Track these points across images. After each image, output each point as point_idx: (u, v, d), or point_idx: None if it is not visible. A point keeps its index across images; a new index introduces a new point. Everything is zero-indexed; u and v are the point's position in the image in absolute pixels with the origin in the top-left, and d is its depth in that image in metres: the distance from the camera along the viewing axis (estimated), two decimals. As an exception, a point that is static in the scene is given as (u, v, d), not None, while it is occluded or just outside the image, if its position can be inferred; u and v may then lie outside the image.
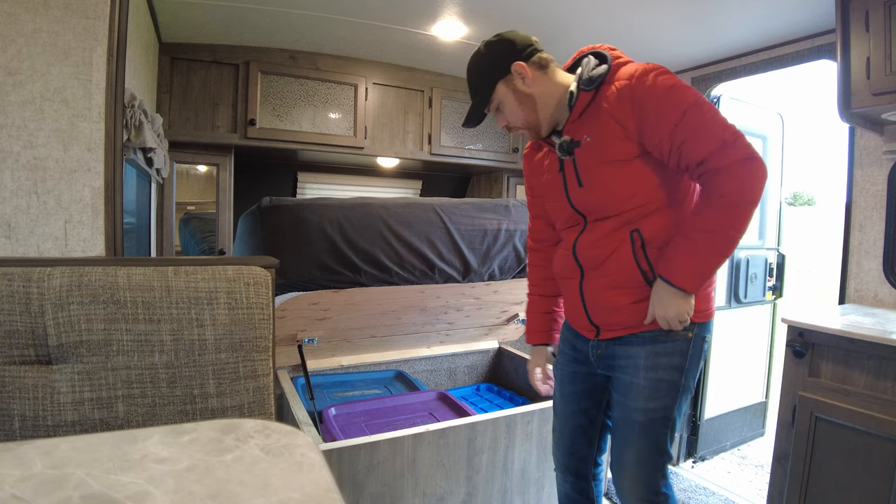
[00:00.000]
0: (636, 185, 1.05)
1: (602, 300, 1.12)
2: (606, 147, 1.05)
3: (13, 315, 0.84)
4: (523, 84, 1.11)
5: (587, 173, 1.09)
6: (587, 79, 1.07)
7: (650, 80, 1.00)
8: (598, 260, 1.11)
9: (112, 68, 1.32)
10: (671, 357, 1.08)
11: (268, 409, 0.99)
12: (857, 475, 1.34)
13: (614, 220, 1.08)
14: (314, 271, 1.44)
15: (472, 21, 2.19)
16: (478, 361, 2.59)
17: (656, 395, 1.08)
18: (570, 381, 1.26)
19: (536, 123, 1.14)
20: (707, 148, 0.97)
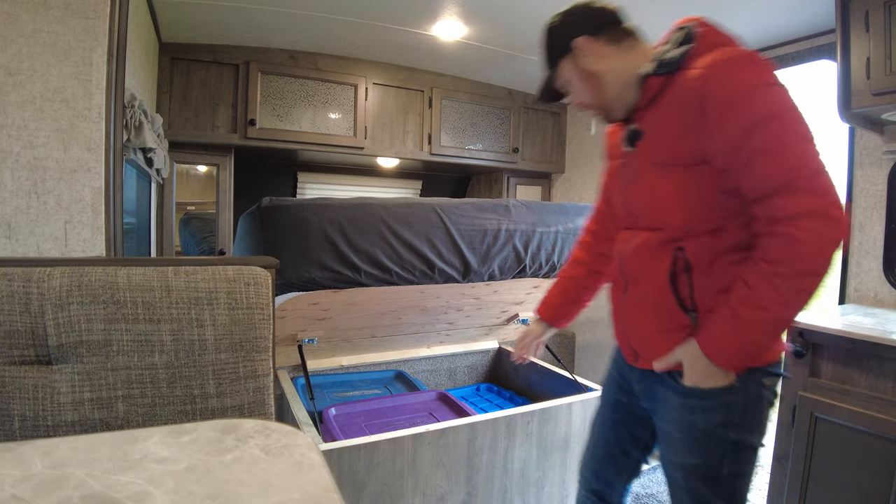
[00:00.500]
0: (686, 199, 0.88)
1: (634, 321, 1.00)
2: (661, 145, 0.90)
3: (13, 315, 0.84)
4: (588, 62, 0.97)
5: (643, 170, 0.95)
6: (661, 61, 0.90)
7: (728, 75, 0.81)
8: (636, 273, 0.98)
9: (112, 68, 1.32)
10: (710, 414, 0.89)
11: (268, 409, 0.99)
12: (857, 475, 1.34)
13: (658, 234, 0.93)
14: (314, 271, 1.44)
15: (472, 21, 2.19)
16: (478, 361, 2.59)
17: (696, 450, 0.91)
18: (611, 407, 1.15)
19: (604, 105, 0.99)
20: (769, 183, 0.78)
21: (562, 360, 2.56)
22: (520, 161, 3.18)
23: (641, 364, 1.02)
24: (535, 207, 1.79)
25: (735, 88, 0.80)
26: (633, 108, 0.97)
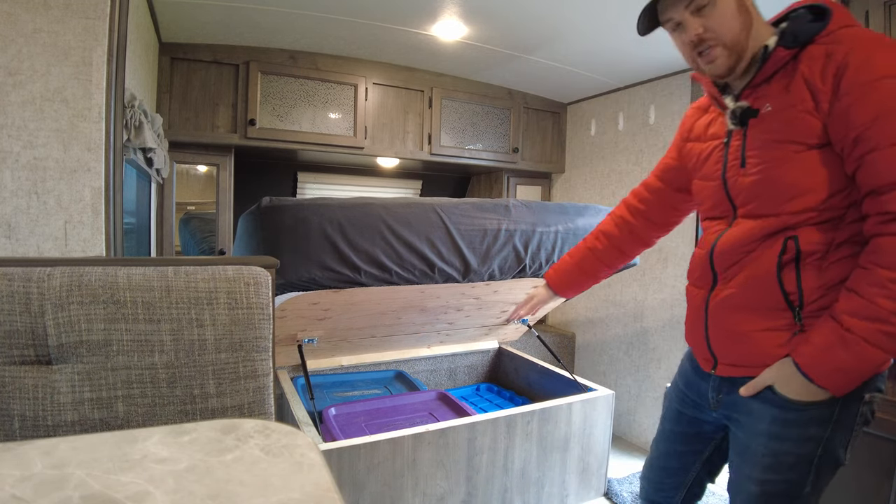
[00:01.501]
0: (812, 182, 0.81)
1: (727, 321, 0.90)
2: (789, 121, 0.82)
3: (13, 315, 0.84)
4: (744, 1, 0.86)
5: (756, 152, 0.86)
6: (791, 32, 0.82)
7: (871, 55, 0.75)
8: (736, 267, 0.89)
9: (112, 68, 1.32)
10: (805, 428, 0.83)
11: (268, 409, 0.99)
12: (857, 475, 1.34)
13: (768, 221, 0.85)
14: (314, 271, 1.44)
15: (472, 21, 2.19)
16: (478, 361, 2.59)
17: (778, 467, 0.85)
18: (673, 419, 1.09)
19: (744, 47, 0.86)
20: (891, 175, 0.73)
21: (562, 360, 2.56)
22: (520, 161, 3.18)
23: (722, 371, 0.94)
24: (535, 207, 1.79)
25: (875, 72, 0.75)
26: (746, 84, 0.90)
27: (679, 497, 1.10)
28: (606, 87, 2.95)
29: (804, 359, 0.80)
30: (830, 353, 0.77)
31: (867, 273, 0.76)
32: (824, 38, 0.81)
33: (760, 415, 0.86)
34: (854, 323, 0.75)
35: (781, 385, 0.83)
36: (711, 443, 1.04)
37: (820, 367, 0.78)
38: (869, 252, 0.77)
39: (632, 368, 2.82)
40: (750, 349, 0.88)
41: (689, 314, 1.02)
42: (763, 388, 0.85)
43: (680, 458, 1.08)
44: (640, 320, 2.78)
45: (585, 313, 3.17)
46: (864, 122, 0.75)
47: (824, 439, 0.83)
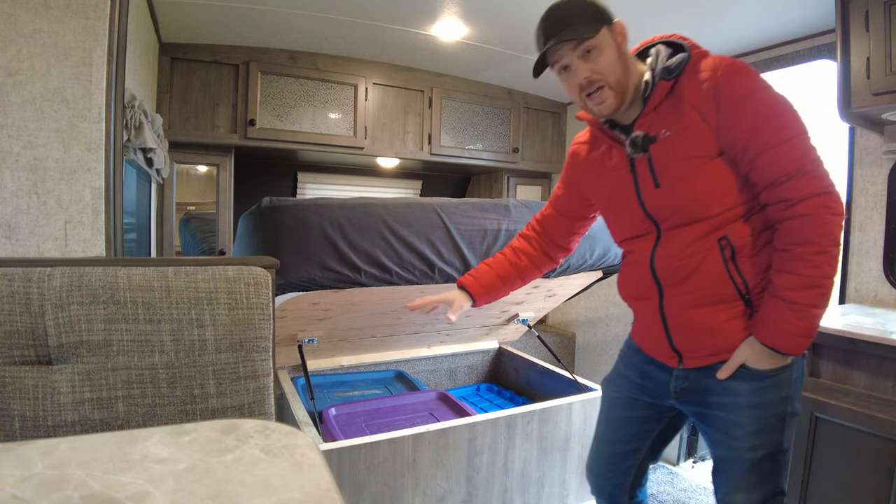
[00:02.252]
0: (722, 185, 0.94)
1: (690, 320, 1.00)
2: (689, 141, 0.94)
3: (13, 315, 0.84)
4: (622, 44, 0.98)
5: (666, 172, 0.97)
6: (664, 68, 0.96)
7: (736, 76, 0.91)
8: (682, 273, 0.98)
9: (112, 68, 1.32)
10: (778, 390, 0.96)
11: (268, 409, 0.99)
12: (857, 475, 1.34)
13: (699, 226, 0.96)
14: (314, 271, 1.44)
15: (472, 21, 2.19)
16: (478, 361, 2.59)
17: (764, 430, 0.97)
18: (625, 405, 1.16)
19: (626, 88, 0.98)
20: (783, 169, 0.89)
21: (562, 360, 2.56)
22: (520, 161, 3.18)
23: (691, 364, 1.03)
24: (535, 207, 1.79)
25: (744, 88, 0.90)
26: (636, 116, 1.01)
27: (630, 478, 1.19)
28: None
29: (768, 337, 0.93)
30: (788, 324, 0.91)
31: (789, 253, 0.90)
32: (691, 68, 0.95)
33: (739, 391, 0.98)
34: (796, 295, 0.89)
35: (753, 361, 0.95)
36: (663, 421, 1.14)
37: (783, 338, 0.91)
38: (782, 236, 0.92)
39: (632, 368, 2.82)
40: (720, 339, 0.98)
41: (641, 323, 1.12)
42: (737, 367, 0.97)
43: (632, 440, 1.16)
44: (640, 320, 2.78)
45: (585, 313, 3.17)
46: (746, 132, 0.90)
47: (790, 397, 0.98)
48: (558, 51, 0.99)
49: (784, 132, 0.89)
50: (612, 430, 1.19)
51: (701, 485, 2.18)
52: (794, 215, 0.89)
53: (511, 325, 2.45)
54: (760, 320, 0.94)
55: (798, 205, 0.89)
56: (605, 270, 1.98)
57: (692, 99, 0.94)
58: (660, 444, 1.18)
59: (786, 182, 0.89)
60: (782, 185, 0.89)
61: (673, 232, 1.00)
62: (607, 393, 1.22)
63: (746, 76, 0.91)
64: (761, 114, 0.90)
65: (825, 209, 0.88)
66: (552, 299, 2.30)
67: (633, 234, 1.07)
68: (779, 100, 0.91)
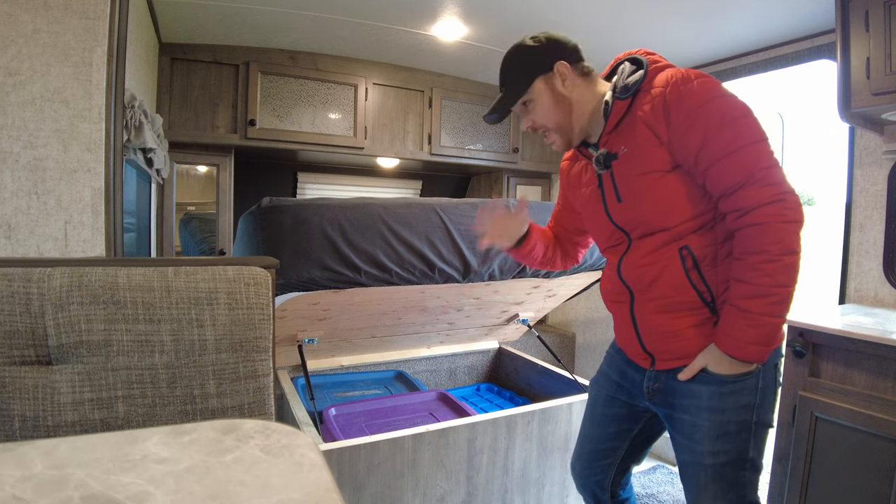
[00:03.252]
0: (678, 198, 0.97)
1: (655, 325, 1.03)
2: (643, 157, 0.98)
3: (13, 315, 0.84)
4: (562, 86, 1.04)
5: (626, 187, 1.02)
6: (622, 87, 1.00)
7: (684, 90, 0.93)
8: (645, 280, 1.03)
9: (112, 69, 1.32)
10: (738, 396, 0.97)
11: (268, 409, 0.99)
12: (857, 475, 1.34)
13: (660, 236, 1.00)
14: (314, 271, 1.44)
15: (472, 21, 2.19)
16: (478, 361, 2.59)
17: (725, 436, 0.98)
18: (605, 403, 1.20)
19: (569, 129, 1.07)
20: (732, 180, 0.90)
21: (562, 360, 2.56)
22: (520, 161, 3.18)
23: (661, 366, 1.05)
24: (535, 207, 1.79)
25: (693, 101, 0.92)
26: (597, 135, 1.06)
27: (610, 476, 1.21)
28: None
29: (725, 345, 0.94)
30: (742, 333, 0.92)
31: (742, 262, 0.91)
32: (647, 84, 0.98)
33: (700, 394, 0.99)
34: (749, 304, 0.90)
35: (713, 366, 0.97)
36: (640, 421, 1.17)
37: (737, 346, 0.93)
38: (737, 245, 0.93)
39: (632, 368, 2.82)
40: (684, 344, 1.01)
41: (618, 325, 1.15)
42: (698, 371, 0.99)
43: (611, 439, 1.20)
44: (640, 320, 2.77)
45: (585, 313, 3.17)
46: (697, 144, 0.92)
47: (755, 406, 0.98)
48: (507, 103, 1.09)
49: (734, 142, 0.90)
50: (593, 427, 1.23)
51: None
52: (747, 224, 0.90)
53: (511, 325, 2.45)
54: (719, 327, 0.96)
55: (749, 214, 0.89)
56: (605, 270, 1.98)
57: (644, 116, 0.97)
58: (640, 445, 1.21)
59: (737, 191, 0.90)
60: (734, 195, 0.91)
61: (639, 241, 1.04)
62: (592, 391, 1.26)
63: (696, 89, 0.92)
64: (710, 125, 0.90)
65: (776, 217, 0.88)
66: (552, 299, 2.30)
67: (609, 244, 1.12)
68: (731, 109, 0.91)
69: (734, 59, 2.34)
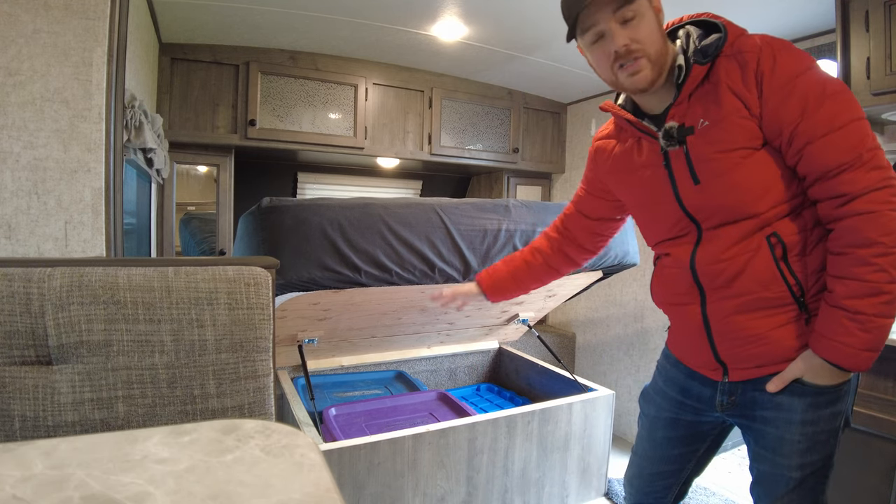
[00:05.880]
0: (769, 179, 0.85)
1: (735, 327, 0.90)
2: (729, 131, 0.84)
3: (13, 315, 0.84)
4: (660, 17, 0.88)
5: (706, 166, 0.87)
6: (698, 50, 0.85)
7: (780, 56, 0.81)
8: (726, 275, 0.88)
9: (112, 69, 1.32)
10: (833, 406, 0.87)
11: (268, 409, 0.99)
12: (857, 475, 1.34)
13: (745, 224, 0.87)
14: (314, 271, 1.44)
15: (472, 21, 2.19)
16: (478, 361, 2.59)
17: (815, 448, 0.88)
18: (666, 426, 1.07)
19: (664, 62, 0.88)
20: (836, 160, 0.78)
21: (562, 360, 2.56)
22: (520, 161, 3.18)
23: (737, 376, 0.94)
24: (535, 207, 1.79)
25: (790, 70, 0.81)
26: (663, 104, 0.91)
27: (672, 494, 1.12)
28: (606, 87, 2.95)
29: (828, 352, 0.82)
30: (852, 337, 0.79)
31: (847, 257, 0.80)
32: (728, 49, 0.85)
33: (791, 406, 0.88)
34: (861, 304, 0.78)
35: (811, 376, 0.85)
36: (708, 438, 1.06)
37: (846, 353, 0.81)
38: (838, 237, 0.81)
39: (632, 368, 2.82)
40: (769, 348, 0.89)
41: (680, 331, 1.02)
42: (789, 381, 0.87)
43: (676, 460, 1.09)
44: (640, 320, 2.78)
45: (585, 313, 3.17)
46: (793, 119, 0.80)
47: (842, 412, 0.88)
48: (595, 14, 0.86)
49: (837, 118, 0.79)
50: (655, 449, 1.10)
51: (702, 485, 2.18)
52: (852, 213, 0.79)
53: (511, 325, 2.45)
54: (819, 333, 0.84)
55: (855, 201, 0.78)
56: (605, 270, 1.98)
57: (731, 84, 0.84)
58: (705, 459, 1.11)
59: (840, 174, 0.79)
60: (836, 178, 0.79)
61: (715, 231, 0.90)
62: (647, 410, 1.13)
63: (792, 56, 0.81)
64: (810, 98, 0.79)
65: (887, 205, 0.77)
66: (552, 299, 2.30)
67: (671, 236, 0.98)
68: (830, 81, 0.81)
69: (734, 59, 2.34)
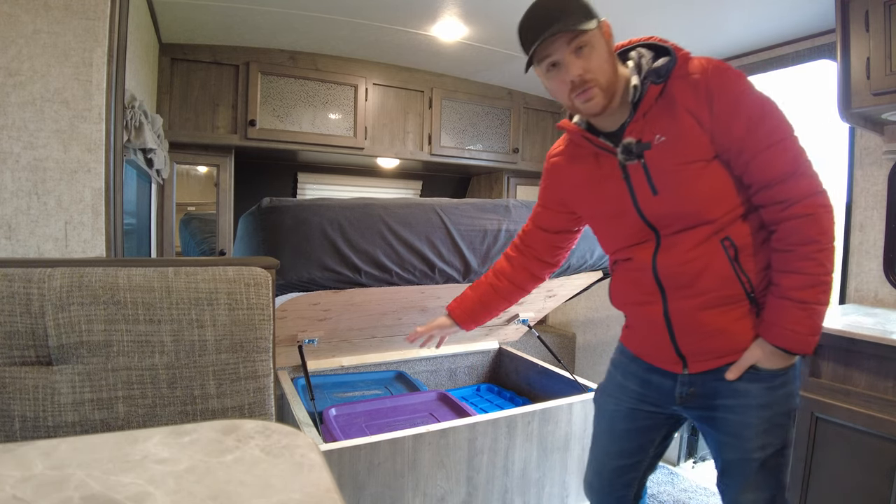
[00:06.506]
0: (722, 188, 0.94)
1: (698, 323, 0.98)
2: (685, 145, 0.93)
3: (14, 316, 0.84)
4: (611, 44, 0.95)
5: (664, 178, 0.95)
6: (652, 70, 0.93)
7: (726, 77, 0.90)
8: (687, 277, 0.97)
9: (112, 69, 1.32)
10: (786, 388, 0.97)
11: (268, 409, 0.99)
12: (857, 475, 1.34)
13: (702, 230, 0.95)
14: (314, 272, 1.44)
15: (472, 21, 2.19)
16: (478, 362, 2.59)
17: (773, 430, 0.97)
18: (627, 417, 1.13)
19: (615, 89, 0.94)
20: (779, 170, 0.90)
21: (562, 361, 2.56)
22: (520, 161, 3.18)
23: (696, 368, 1.01)
24: (535, 208, 1.79)
25: (735, 89, 0.91)
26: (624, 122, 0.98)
27: (633, 491, 1.17)
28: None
29: (779, 338, 0.93)
30: (799, 324, 0.91)
31: (792, 254, 0.91)
32: (679, 71, 0.93)
33: (749, 392, 0.98)
34: (805, 294, 0.90)
35: (764, 362, 0.96)
36: (664, 429, 1.13)
37: (794, 339, 0.92)
38: (783, 237, 0.93)
39: (632, 368, 2.82)
40: (729, 340, 0.98)
41: (642, 329, 1.09)
42: (745, 368, 0.97)
43: (636, 452, 1.14)
44: (640, 320, 2.78)
45: (585, 313, 3.17)
46: (740, 135, 0.90)
47: (795, 393, 0.99)
48: (551, 45, 0.92)
49: (776, 133, 0.90)
50: (613, 443, 1.15)
51: (701, 485, 2.18)
52: (794, 216, 0.90)
53: (511, 325, 2.45)
54: (769, 322, 0.94)
55: (796, 205, 0.90)
56: (605, 271, 1.98)
57: (685, 103, 0.92)
58: (660, 452, 1.16)
59: (781, 183, 0.90)
60: (778, 187, 0.91)
61: (674, 237, 0.98)
62: (606, 406, 1.17)
63: (735, 78, 0.92)
64: (753, 115, 0.90)
65: (822, 208, 0.90)
66: (552, 299, 2.30)
67: (631, 243, 1.05)
68: (767, 100, 0.92)
69: (734, 59, 2.34)
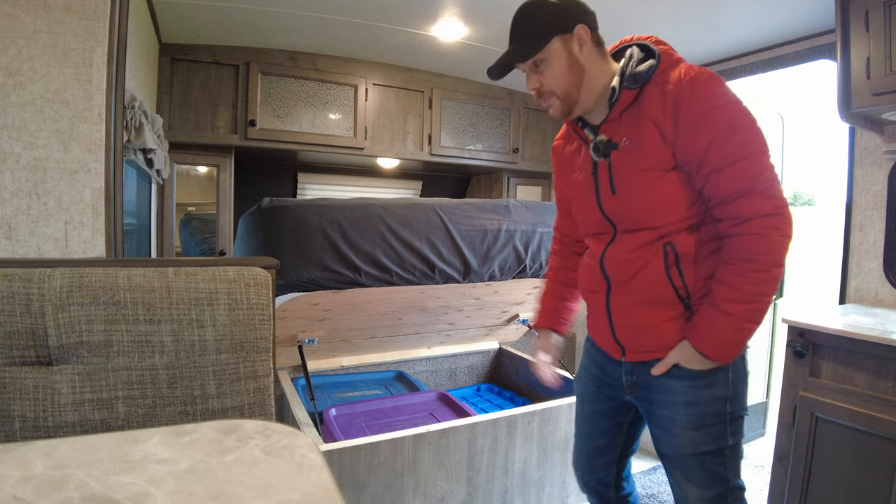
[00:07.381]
0: (674, 199, 0.96)
1: (630, 318, 1.04)
2: (645, 153, 0.96)
3: (14, 316, 0.84)
4: (579, 51, 0.98)
5: (622, 180, 0.99)
6: (631, 75, 0.96)
7: (697, 91, 0.91)
8: (627, 274, 1.02)
9: (112, 69, 1.32)
10: (711, 389, 0.99)
11: (268, 409, 0.99)
12: (857, 475, 1.34)
13: (647, 234, 0.99)
14: (314, 272, 1.44)
15: (472, 21, 2.19)
16: (478, 362, 2.59)
17: (702, 428, 0.99)
18: (592, 400, 1.19)
19: (575, 99, 1.00)
20: (734, 188, 0.90)
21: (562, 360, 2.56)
22: (520, 161, 3.18)
23: (632, 358, 1.07)
24: (535, 207, 1.79)
25: (705, 104, 0.91)
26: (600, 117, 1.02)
27: (613, 472, 1.21)
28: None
29: (700, 343, 0.96)
30: (721, 334, 0.94)
31: (732, 266, 0.93)
32: (658, 77, 0.95)
33: (673, 388, 1.01)
34: (733, 308, 0.92)
35: (685, 362, 0.98)
36: (630, 413, 1.17)
37: (714, 346, 0.95)
38: (729, 250, 0.94)
39: (632, 368, 2.82)
40: (655, 338, 1.02)
41: (592, 315, 1.16)
42: (671, 366, 1.00)
43: (607, 434, 1.19)
44: (640, 320, 2.78)
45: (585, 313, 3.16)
46: (702, 149, 0.91)
47: (728, 398, 1.00)
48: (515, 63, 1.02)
49: (739, 150, 0.90)
50: (586, 425, 1.22)
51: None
52: (743, 233, 0.91)
53: (511, 325, 2.45)
54: (695, 325, 0.97)
55: (747, 223, 0.90)
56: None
57: (652, 112, 0.94)
58: (632, 435, 1.20)
59: (737, 200, 0.91)
60: (734, 203, 0.91)
61: (626, 235, 1.03)
62: (579, 389, 1.24)
63: (708, 91, 0.91)
64: (719, 131, 0.90)
65: (773, 230, 0.90)
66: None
67: (594, 232, 1.10)
68: (739, 116, 0.91)
69: (734, 59, 2.34)
